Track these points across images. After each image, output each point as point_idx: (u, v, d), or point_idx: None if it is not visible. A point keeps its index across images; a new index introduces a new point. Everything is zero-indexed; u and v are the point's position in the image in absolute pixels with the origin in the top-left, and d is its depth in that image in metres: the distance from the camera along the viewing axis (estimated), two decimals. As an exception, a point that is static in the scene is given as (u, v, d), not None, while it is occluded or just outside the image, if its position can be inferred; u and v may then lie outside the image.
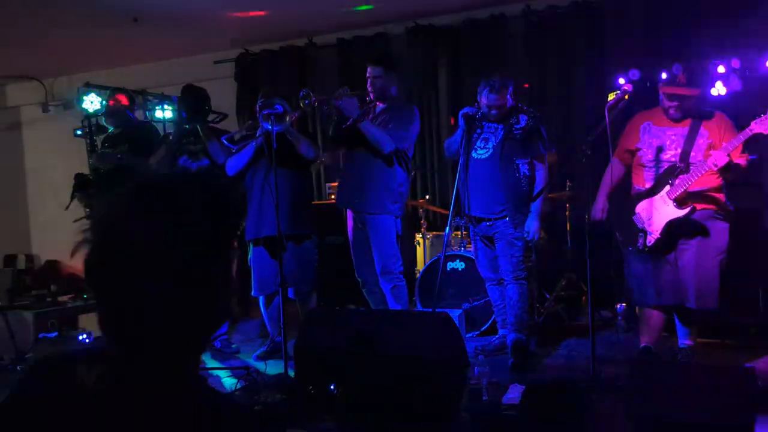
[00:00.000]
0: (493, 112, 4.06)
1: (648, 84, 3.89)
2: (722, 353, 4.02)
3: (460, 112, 4.13)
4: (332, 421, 3.10)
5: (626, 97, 3.61)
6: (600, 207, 3.96)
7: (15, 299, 5.50)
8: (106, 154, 4.86)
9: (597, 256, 3.94)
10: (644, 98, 4.01)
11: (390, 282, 4.32)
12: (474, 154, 4.12)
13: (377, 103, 4.39)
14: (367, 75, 4.37)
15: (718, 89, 4.81)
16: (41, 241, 8.32)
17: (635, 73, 4.71)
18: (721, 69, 4.70)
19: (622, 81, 4.60)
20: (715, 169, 3.46)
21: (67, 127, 6.87)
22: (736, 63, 4.68)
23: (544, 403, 2.87)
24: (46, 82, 7.86)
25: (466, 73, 6.09)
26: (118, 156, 4.78)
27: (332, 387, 3.14)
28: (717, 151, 3.46)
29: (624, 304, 4.71)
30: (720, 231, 3.64)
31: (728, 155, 3.42)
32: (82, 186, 4.89)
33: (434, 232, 5.51)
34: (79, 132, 6.22)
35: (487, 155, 4.08)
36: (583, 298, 5.24)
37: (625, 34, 5.51)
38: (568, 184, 5.17)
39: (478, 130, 4.15)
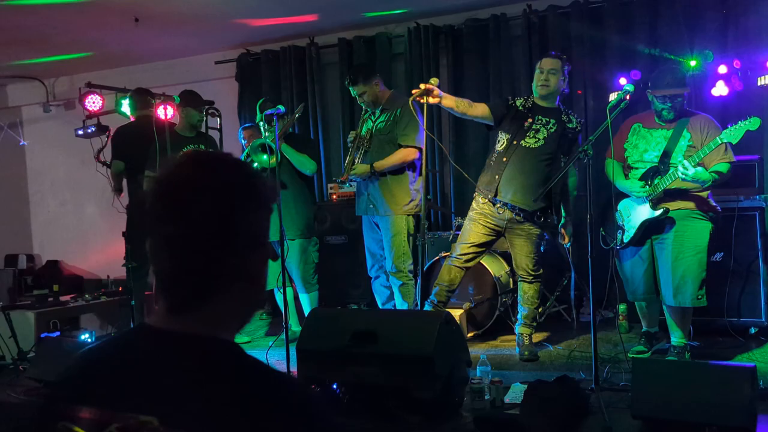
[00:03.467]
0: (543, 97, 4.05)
1: (649, 84, 3.92)
2: (723, 353, 4.02)
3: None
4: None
5: (627, 97, 3.61)
6: None
7: (17, 299, 5.51)
8: None
9: (598, 256, 3.96)
10: (645, 98, 4.02)
11: (399, 280, 4.39)
12: (521, 142, 4.01)
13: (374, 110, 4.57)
14: (353, 95, 4.53)
15: (719, 89, 4.82)
16: (42, 241, 8.32)
17: (636, 73, 4.72)
18: (722, 69, 4.71)
19: (623, 81, 4.62)
20: (684, 178, 3.58)
21: (68, 127, 6.87)
22: (737, 63, 4.69)
23: (546, 403, 2.87)
24: (47, 82, 7.87)
25: (468, 73, 6.10)
26: None
27: (334, 386, 3.15)
28: (684, 163, 3.58)
29: (625, 303, 4.72)
30: (698, 230, 3.74)
31: (695, 166, 3.54)
32: None
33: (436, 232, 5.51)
34: (80, 132, 6.22)
35: (537, 145, 3.99)
36: (585, 297, 5.24)
37: (626, 34, 5.52)
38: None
39: (528, 118, 4.04)
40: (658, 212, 3.72)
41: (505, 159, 4.01)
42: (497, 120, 4.11)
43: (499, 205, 4.03)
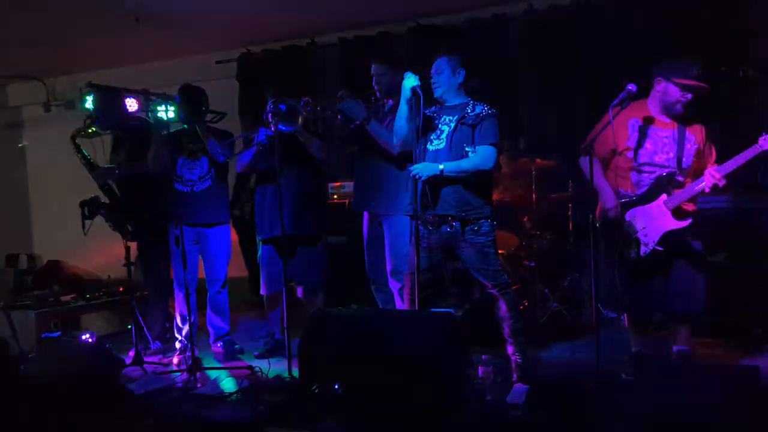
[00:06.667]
0: (443, 97, 3.83)
1: (663, 71, 3.73)
2: (726, 353, 4.01)
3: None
4: (336, 421, 3.10)
5: (630, 96, 3.56)
6: (613, 204, 3.66)
7: (17, 299, 5.50)
8: (103, 172, 4.91)
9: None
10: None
11: (399, 282, 4.25)
12: (429, 146, 3.77)
13: (386, 101, 4.37)
14: (372, 73, 4.37)
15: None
16: (43, 241, 8.32)
17: (633, 86, 4.63)
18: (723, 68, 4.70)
19: (625, 80, 4.59)
20: (707, 190, 3.41)
21: (69, 127, 6.82)
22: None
23: (548, 403, 2.87)
24: (48, 82, 7.86)
25: (468, 72, 6.07)
26: (116, 171, 4.84)
27: (336, 386, 3.14)
28: (714, 170, 3.38)
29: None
30: (701, 234, 3.64)
31: (723, 177, 3.36)
32: (96, 210, 4.87)
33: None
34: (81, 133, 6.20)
35: (441, 146, 3.73)
36: (586, 297, 5.23)
37: (626, 33, 5.51)
38: (570, 184, 5.15)
39: (436, 122, 3.81)
40: (687, 222, 3.50)
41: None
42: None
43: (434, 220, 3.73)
